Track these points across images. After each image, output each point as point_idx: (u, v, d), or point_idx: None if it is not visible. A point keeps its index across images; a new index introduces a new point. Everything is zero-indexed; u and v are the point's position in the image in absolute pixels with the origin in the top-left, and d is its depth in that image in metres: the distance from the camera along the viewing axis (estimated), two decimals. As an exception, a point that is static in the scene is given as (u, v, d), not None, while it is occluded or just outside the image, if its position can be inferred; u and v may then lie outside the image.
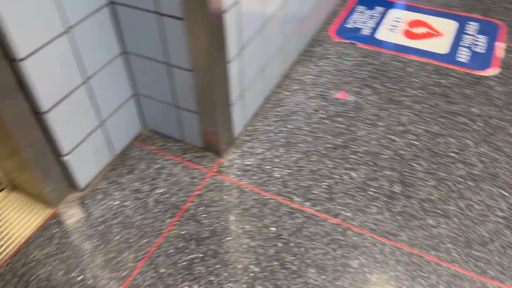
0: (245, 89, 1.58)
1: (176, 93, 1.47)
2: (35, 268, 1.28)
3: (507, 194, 1.45)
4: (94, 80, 1.36)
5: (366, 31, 2.19)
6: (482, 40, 2.10)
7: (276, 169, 1.56)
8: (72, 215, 1.41)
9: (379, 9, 2.35)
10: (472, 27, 2.19)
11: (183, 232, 1.37)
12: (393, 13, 2.31)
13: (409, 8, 2.34)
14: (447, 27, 2.20)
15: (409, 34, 2.16)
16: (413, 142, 1.64)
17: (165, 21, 1.27)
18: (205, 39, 1.26)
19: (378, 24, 2.24)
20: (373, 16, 2.30)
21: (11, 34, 1.05)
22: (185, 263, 1.29)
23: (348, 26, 2.24)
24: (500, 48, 2.05)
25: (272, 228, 1.38)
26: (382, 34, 2.17)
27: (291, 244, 1.34)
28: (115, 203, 1.44)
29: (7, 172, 1.44)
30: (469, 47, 2.07)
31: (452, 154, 1.59)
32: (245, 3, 1.38)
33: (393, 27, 2.22)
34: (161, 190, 1.48)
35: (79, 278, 1.26)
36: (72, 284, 1.24)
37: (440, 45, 2.09)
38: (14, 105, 1.17)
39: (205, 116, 1.49)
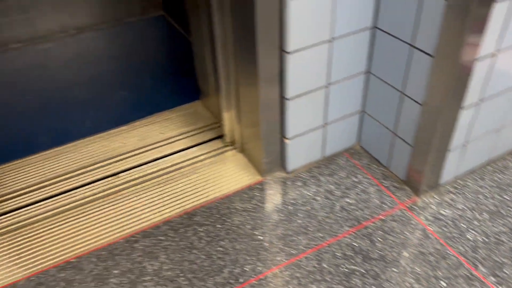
0: (470, 141, 1.54)
1: (399, 122, 1.55)
2: (232, 214, 1.57)
3: None
4: (334, 86, 1.56)
5: None
6: None
7: (471, 231, 1.47)
8: (273, 188, 1.66)
9: None
10: None
11: (355, 244, 1.45)
12: None
13: None
14: None
15: None
16: None
17: (415, 54, 1.37)
18: (448, 80, 1.30)
19: None
20: None
21: (290, 30, 1.33)
22: (346, 270, 1.37)
23: None
24: None
25: (442, 283, 1.32)
26: None
27: (457, 307, 1.26)
28: (309, 194, 1.63)
29: (243, 137, 1.79)
30: None
31: None
32: (502, 59, 1.35)
33: None
34: (350, 201, 1.59)
35: (259, 237, 1.49)
36: (253, 239, 1.48)
37: None
38: (271, 87, 1.47)
39: (418, 152, 1.52)
